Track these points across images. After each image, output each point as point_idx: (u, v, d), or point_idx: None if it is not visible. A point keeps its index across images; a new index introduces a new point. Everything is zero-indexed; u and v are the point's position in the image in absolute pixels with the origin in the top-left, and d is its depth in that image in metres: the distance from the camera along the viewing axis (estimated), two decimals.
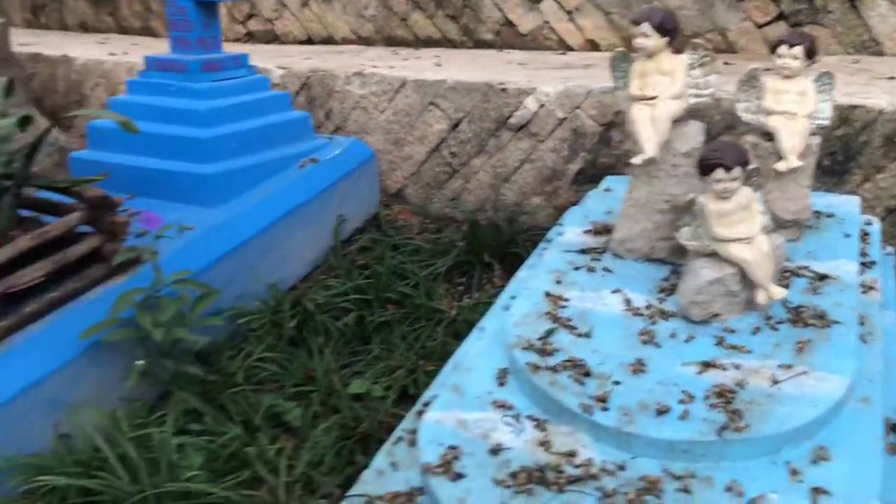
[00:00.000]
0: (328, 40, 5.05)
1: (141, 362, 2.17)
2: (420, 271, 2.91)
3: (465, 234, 3.18)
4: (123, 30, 6.00)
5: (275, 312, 2.66)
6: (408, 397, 2.37)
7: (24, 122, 2.28)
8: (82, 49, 4.82)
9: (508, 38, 4.39)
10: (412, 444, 1.85)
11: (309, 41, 5.12)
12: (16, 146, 2.24)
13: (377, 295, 2.77)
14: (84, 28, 6.26)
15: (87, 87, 4.39)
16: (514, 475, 1.49)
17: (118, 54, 4.54)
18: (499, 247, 3.02)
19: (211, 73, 2.95)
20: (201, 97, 2.89)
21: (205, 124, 2.84)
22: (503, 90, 3.22)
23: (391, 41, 4.78)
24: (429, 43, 4.65)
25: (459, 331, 2.61)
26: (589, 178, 3.08)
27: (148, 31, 5.83)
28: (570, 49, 4.22)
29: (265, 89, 3.14)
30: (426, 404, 1.96)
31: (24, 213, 2.38)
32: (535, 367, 1.73)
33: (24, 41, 5.02)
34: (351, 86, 3.58)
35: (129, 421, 2.10)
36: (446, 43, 4.59)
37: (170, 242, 2.49)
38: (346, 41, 4.97)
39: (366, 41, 4.90)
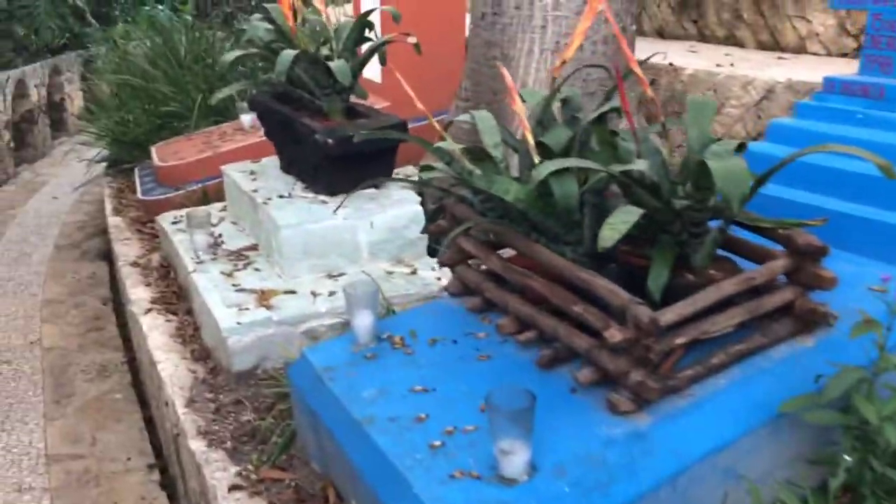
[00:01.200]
0: None
1: (849, 459, 1.79)
2: None
3: None
4: (705, 38, 5.79)
5: None
6: None
7: (740, 148, 2.04)
8: (679, 58, 4.69)
9: None
10: None
11: None
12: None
13: None
14: (661, 34, 6.22)
15: None
16: None
17: (724, 66, 4.29)
18: None
19: None
20: None
21: None
22: None
23: None
24: None
25: None
26: None
27: (733, 41, 5.53)
28: None
29: None
30: None
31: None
32: None
33: None
34: None
35: None
36: None
37: (859, 302, 2.07)
38: None
39: None
